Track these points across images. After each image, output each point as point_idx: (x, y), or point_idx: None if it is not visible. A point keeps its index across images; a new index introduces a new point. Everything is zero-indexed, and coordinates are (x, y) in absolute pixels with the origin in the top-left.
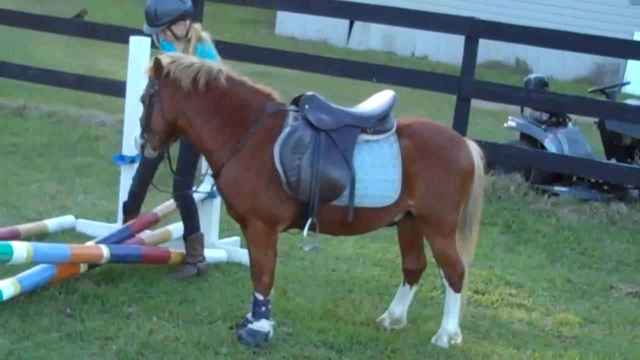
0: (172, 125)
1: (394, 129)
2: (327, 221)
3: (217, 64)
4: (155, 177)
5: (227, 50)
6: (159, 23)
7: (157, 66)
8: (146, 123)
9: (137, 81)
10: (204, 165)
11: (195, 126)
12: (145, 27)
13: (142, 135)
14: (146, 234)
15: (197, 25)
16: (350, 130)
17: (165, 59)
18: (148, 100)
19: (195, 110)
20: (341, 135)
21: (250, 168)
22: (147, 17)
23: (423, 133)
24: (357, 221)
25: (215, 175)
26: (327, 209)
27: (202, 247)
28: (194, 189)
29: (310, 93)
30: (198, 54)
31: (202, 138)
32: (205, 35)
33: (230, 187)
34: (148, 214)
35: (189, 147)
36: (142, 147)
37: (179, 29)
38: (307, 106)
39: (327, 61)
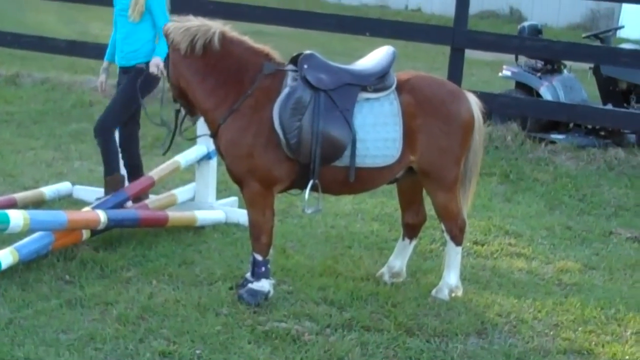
0: (179, 89)
1: (394, 86)
2: (329, 182)
3: (215, 23)
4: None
5: (219, 10)
6: None
7: (164, 34)
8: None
9: None
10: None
11: (191, 86)
12: None
13: (174, 100)
14: (150, 199)
15: None
16: (350, 89)
17: (169, 25)
18: (166, 67)
19: (190, 70)
20: (341, 94)
21: (248, 129)
22: None
23: (423, 88)
24: (359, 181)
25: (214, 136)
26: (329, 169)
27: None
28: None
29: (308, 52)
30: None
31: (197, 98)
32: None
33: (228, 148)
34: (144, 177)
35: (126, 90)
36: (177, 112)
37: None
38: (305, 66)
39: (320, 17)
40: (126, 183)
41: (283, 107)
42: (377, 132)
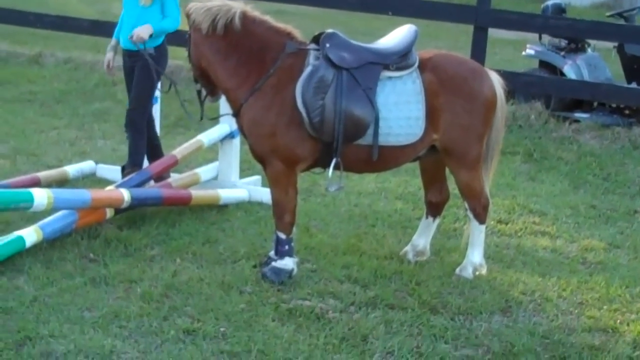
0: (200, 69)
1: (416, 65)
2: (351, 160)
3: (237, 3)
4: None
5: None
6: None
7: (186, 15)
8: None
9: None
10: (222, 105)
11: (212, 66)
12: None
13: (195, 80)
14: (174, 178)
15: None
16: (372, 67)
17: (190, 6)
18: (187, 47)
19: (212, 50)
20: (363, 73)
21: (270, 108)
22: None
23: (446, 66)
24: (382, 159)
25: (236, 115)
26: (351, 148)
27: None
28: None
29: (330, 31)
30: None
31: (218, 77)
32: None
33: (251, 127)
34: (167, 155)
35: (142, 80)
36: (199, 93)
37: None
38: (327, 44)
39: None
40: (146, 163)
41: (306, 86)
42: (400, 110)
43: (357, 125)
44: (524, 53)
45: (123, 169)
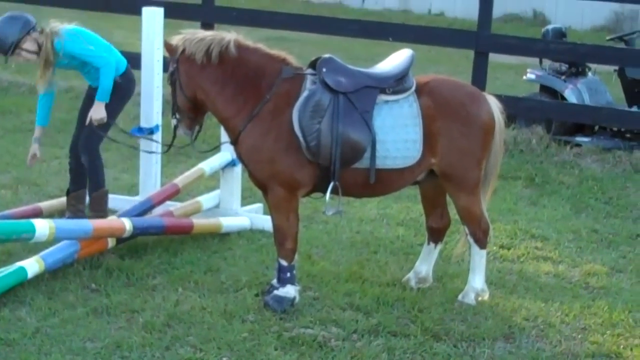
0: (194, 101)
1: (413, 88)
2: (350, 184)
3: (228, 33)
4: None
5: (242, 16)
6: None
7: (168, 48)
8: (173, 102)
9: (151, 52)
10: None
11: (210, 96)
12: None
13: (173, 115)
14: (175, 206)
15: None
16: (369, 91)
17: (176, 38)
18: (170, 79)
19: (209, 80)
20: (360, 97)
21: (268, 134)
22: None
23: (443, 90)
24: (380, 183)
25: (234, 143)
26: (349, 171)
27: (106, 203)
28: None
29: (327, 55)
30: (57, 49)
31: (217, 107)
32: (59, 28)
33: (249, 154)
34: (168, 184)
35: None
36: (175, 128)
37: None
38: (324, 69)
39: (343, 23)
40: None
41: (302, 111)
42: (397, 133)
43: (354, 148)
44: (524, 77)
45: (67, 192)
